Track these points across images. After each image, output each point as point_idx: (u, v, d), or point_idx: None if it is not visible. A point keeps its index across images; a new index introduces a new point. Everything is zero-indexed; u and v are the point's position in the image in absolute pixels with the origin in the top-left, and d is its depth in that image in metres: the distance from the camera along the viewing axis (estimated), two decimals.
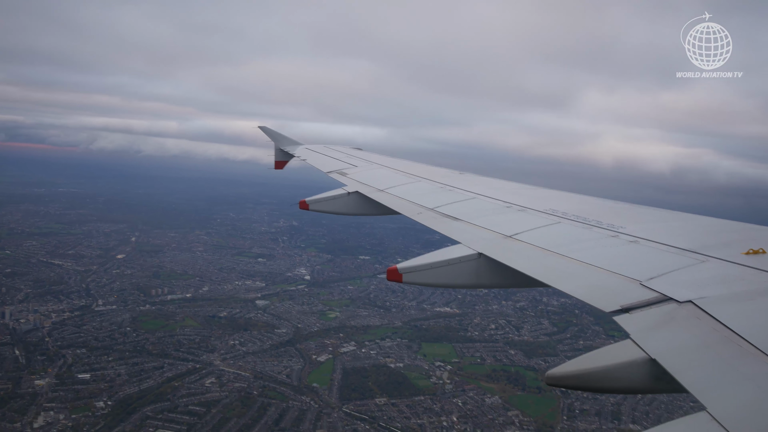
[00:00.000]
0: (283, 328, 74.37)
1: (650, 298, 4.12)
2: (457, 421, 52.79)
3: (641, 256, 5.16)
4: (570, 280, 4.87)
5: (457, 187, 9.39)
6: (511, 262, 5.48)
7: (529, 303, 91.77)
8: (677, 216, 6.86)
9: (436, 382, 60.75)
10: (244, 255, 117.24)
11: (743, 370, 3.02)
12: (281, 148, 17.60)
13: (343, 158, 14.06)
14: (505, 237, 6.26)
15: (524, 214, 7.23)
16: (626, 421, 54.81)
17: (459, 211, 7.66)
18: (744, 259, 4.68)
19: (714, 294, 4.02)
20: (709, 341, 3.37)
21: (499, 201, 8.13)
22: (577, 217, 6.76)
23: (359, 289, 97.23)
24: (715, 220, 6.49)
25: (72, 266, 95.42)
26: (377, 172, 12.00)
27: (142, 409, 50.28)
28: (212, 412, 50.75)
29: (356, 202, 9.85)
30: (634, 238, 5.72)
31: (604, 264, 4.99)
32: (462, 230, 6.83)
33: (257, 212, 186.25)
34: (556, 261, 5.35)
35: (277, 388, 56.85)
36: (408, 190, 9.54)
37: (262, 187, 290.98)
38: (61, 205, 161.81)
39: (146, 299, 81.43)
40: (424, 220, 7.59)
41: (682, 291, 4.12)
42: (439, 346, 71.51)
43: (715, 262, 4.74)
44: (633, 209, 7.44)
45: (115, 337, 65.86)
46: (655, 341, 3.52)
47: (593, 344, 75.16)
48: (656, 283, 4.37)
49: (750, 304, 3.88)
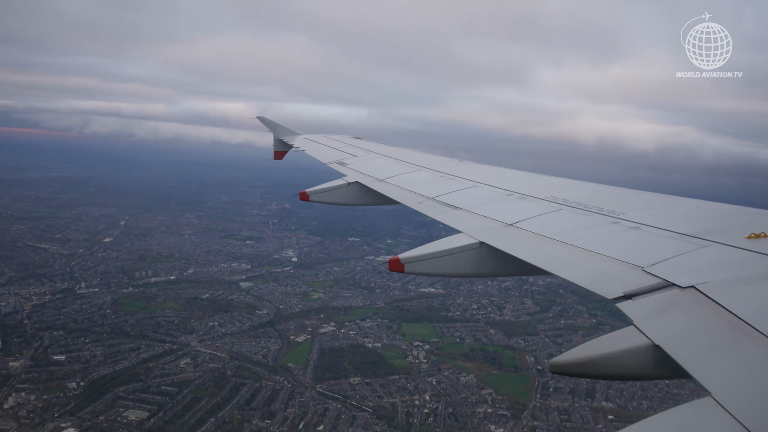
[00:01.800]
0: (265, 309, 74.51)
1: (653, 284, 4.10)
2: (429, 399, 53.06)
3: (643, 242, 5.16)
4: (572, 268, 4.87)
5: (458, 176, 9.41)
6: (512, 250, 5.49)
7: (514, 283, 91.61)
8: (677, 201, 6.84)
9: (412, 362, 60.97)
10: (233, 238, 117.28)
11: (747, 354, 3.00)
12: (280, 138, 17.47)
13: (343, 148, 14.03)
14: (506, 225, 6.28)
15: (525, 202, 7.27)
16: (599, 399, 55.03)
17: (460, 200, 7.70)
18: (746, 244, 4.66)
19: (716, 279, 4.00)
20: (712, 326, 3.35)
21: (500, 189, 8.16)
22: (577, 204, 6.79)
23: (345, 271, 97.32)
24: (715, 204, 6.45)
25: (58, 250, 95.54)
26: (377, 162, 11.91)
27: (115, 389, 50.55)
28: (184, 392, 51.01)
29: (356, 192, 9.85)
30: (635, 224, 5.73)
31: (605, 251, 5.00)
32: (463, 219, 6.85)
33: (250, 195, 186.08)
34: (558, 249, 5.35)
35: (252, 368, 57.11)
36: (408, 180, 9.55)
37: (256, 170, 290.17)
38: (52, 190, 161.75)
39: (129, 282, 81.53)
40: (424, 209, 7.62)
41: (684, 276, 4.10)
42: (420, 326, 71.68)
43: (717, 246, 4.73)
44: (633, 195, 7.43)
45: (95, 320, 66.05)
46: (659, 327, 3.51)
47: (574, 323, 75.51)
48: (658, 269, 4.36)
49: (753, 288, 3.85)
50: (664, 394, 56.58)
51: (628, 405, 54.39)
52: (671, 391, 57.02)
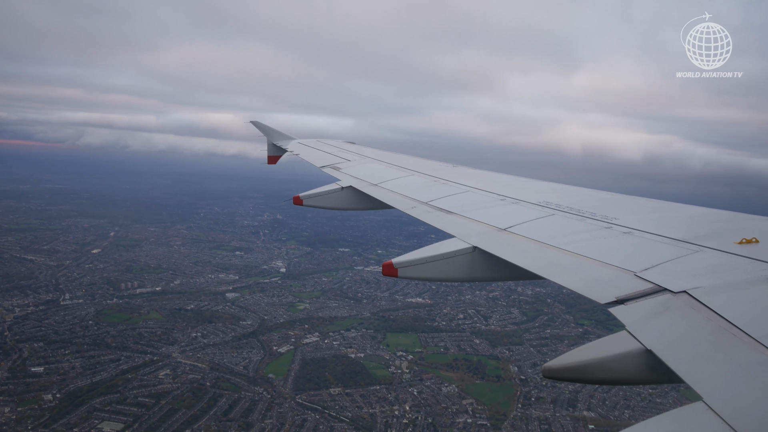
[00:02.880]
0: (249, 320, 74.13)
1: (645, 289, 4.13)
2: (409, 409, 52.67)
3: (635, 247, 5.19)
4: (565, 273, 4.88)
5: (451, 181, 9.47)
6: (505, 255, 5.51)
7: (502, 293, 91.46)
8: (669, 206, 6.89)
9: (394, 372, 60.63)
10: (222, 248, 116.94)
11: (738, 359, 3.02)
12: (273, 142, 17.52)
13: (336, 152, 14.10)
14: (500, 230, 6.30)
15: (518, 207, 7.29)
16: (581, 408, 54.67)
17: (453, 205, 7.71)
18: (737, 249, 4.70)
19: (708, 284, 4.03)
20: (705, 331, 3.37)
21: (493, 194, 8.20)
22: (570, 209, 6.83)
23: (333, 281, 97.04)
24: (706, 209, 6.49)
25: (44, 261, 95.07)
26: (371, 166, 11.97)
27: (91, 401, 50.08)
28: (161, 403, 50.57)
29: (350, 196, 9.90)
30: (627, 229, 5.76)
31: (598, 256, 5.02)
32: (456, 224, 6.86)
33: (243, 206, 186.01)
34: (551, 253, 5.37)
35: (232, 379, 56.68)
36: (402, 184, 9.59)
37: (251, 181, 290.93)
38: (44, 201, 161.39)
39: (115, 293, 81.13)
40: (418, 214, 7.64)
41: (676, 281, 4.14)
42: (404, 336, 71.36)
43: (709, 251, 4.77)
44: (625, 200, 7.49)
45: (76, 331, 65.62)
46: (651, 332, 3.53)
47: (560, 332, 75.28)
48: (651, 274, 4.39)
49: (744, 293, 3.89)
50: (646, 403, 56.30)
51: (609, 414, 54.04)
52: (654, 400, 56.76)
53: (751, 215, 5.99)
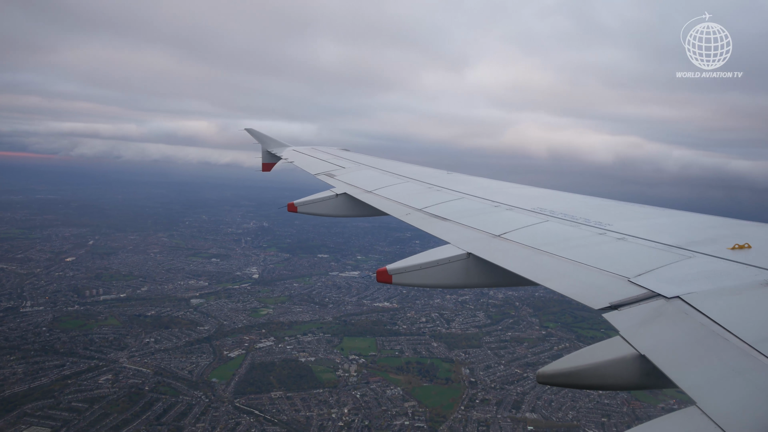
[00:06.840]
0: (207, 325, 73.74)
1: (638, 295, 4.16)
2: (347, 413, 51.92)
3: (629, 253, 5.23)
4: (559, 279, 4.91)
5: (445, 187, 9.48)
6: (500, 261, 5.54)
7: (472, 296, 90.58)
8: (662, 212, 6.95)
9: (341, 375, 59.91)
10: (199, 256, 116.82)
11: (731, 364, 3.04)
12: (268, 150, 17.52)
13: (331, 159, 14.12)
14: (494, 236, 6.31)
15: (512, 213, 7.33)
16: (525, 410, 53.68)
17: (447, 211, 7.73)
18: (730, 254, 4.74)
19: (701, 289, 4.06)
20: (698, 336, 3.40)
21: (487, 200, 8.23)
22: (564, 215, 6.86)
23: (304, 287, 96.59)
24: (699, 215, 6.55)
25: (15, 269, 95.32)
26: (365, 173, 12.02)
27: (22, 407, 49.74)
28: (93, 408, 50.14)
29: (344, 203, 9.90)
30: (621, 235, 5.81)
31: (592, 262, 5.05)
32: (451, 230, 6.88)
33: (231, 214, 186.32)
34: (545, 259, 5.40)
35: (173, 383, 56.18)
36: (396, 191, 9.60)
37: (246, 190, 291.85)
38: (30, 211, 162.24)
39: (78, 300, 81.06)
40: (412, 221, 7.62)
41: (669, 287, 4.16)
42: (362, 340, 70.71)
43: (702, 257, 4.80)
44: (619, 207, 7.54)
45: (27, 337, 65.46)
46: (644, 337, 3.55)
47: (521, 335, 74.30)
48: (644, 280, 4.42)
49: (737, 298, 3.92)
50: (594, 404, 55.22)
51: (553, 416, 53.01)
52: (602, 401, 55.67)
53: (743, 221, 6.00)
